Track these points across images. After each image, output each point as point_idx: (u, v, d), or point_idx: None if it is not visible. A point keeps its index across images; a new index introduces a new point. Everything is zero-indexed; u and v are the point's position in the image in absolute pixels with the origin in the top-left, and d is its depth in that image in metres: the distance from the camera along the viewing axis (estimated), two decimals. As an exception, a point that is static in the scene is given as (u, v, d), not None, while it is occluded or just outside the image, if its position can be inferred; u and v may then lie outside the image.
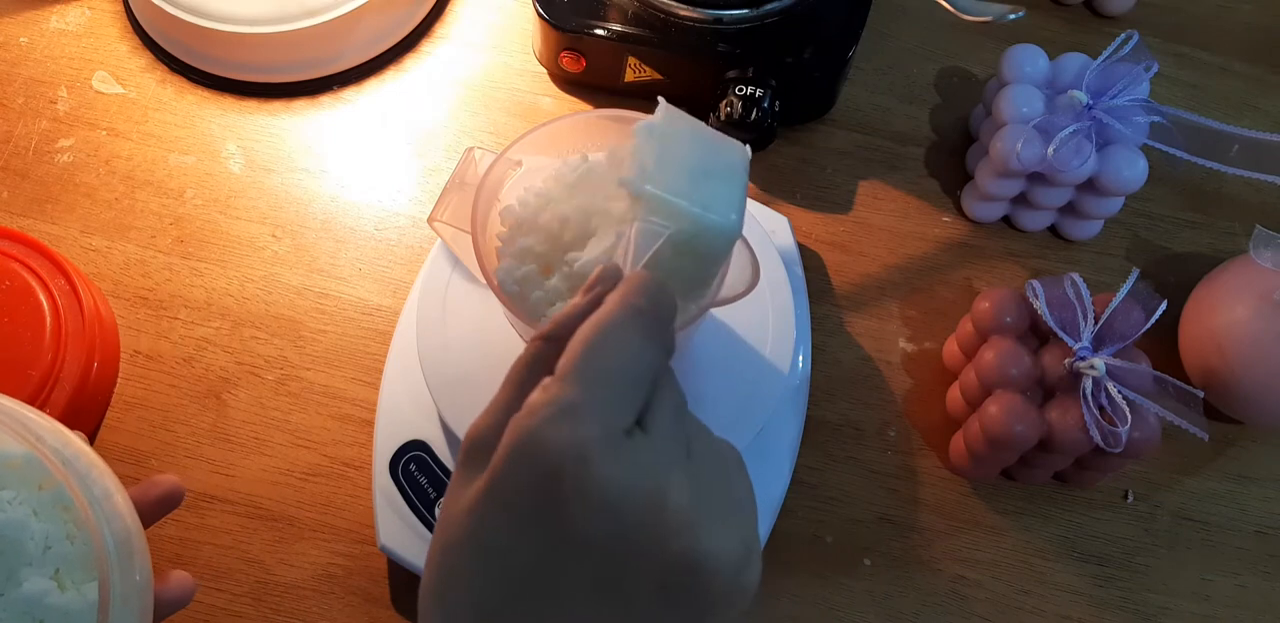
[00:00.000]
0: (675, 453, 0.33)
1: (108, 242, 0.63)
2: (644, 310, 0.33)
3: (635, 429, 0.32)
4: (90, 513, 0.38)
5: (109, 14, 0.70)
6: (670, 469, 0.32)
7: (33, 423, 0.40)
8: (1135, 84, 0.59)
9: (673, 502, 0.31)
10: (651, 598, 0.32)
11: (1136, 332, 0.54)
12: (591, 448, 0.31)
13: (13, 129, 0.66)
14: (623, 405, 0.32)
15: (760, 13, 0.61)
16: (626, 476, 0.31)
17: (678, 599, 0.32)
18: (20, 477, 0.40)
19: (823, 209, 0.65)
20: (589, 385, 0.32)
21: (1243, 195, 0.67)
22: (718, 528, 0.32)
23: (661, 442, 0.33)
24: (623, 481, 0.31)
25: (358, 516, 0.57)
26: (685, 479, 0.32)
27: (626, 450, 0.31)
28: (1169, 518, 0.59)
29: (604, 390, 0.32)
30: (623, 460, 0.31)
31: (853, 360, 0.62)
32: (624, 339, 0.33)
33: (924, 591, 0.57)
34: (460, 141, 0.67)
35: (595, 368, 0.32)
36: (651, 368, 0.33)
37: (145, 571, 0.40)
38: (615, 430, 0.32)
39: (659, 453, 0.32)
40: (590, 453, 0.31)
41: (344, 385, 0.60)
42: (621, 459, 0.31)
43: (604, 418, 0.32)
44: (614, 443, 0.31)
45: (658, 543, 0.31)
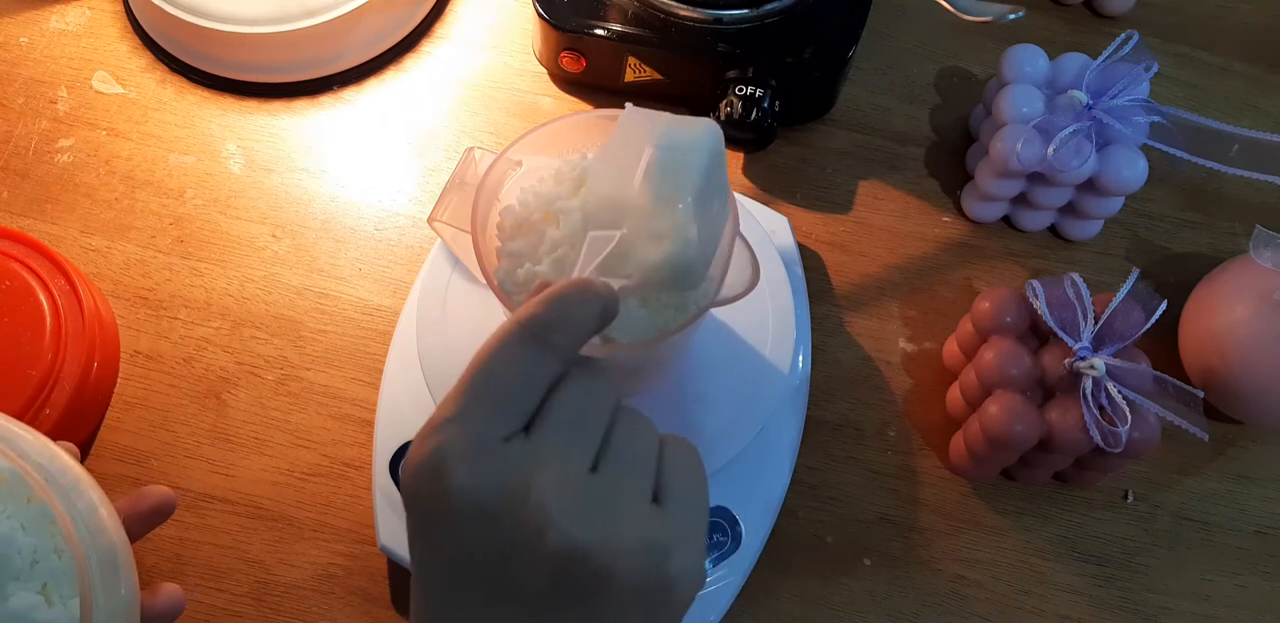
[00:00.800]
0: (556, 453, 0.34)
1: (108, 242, 0.63)
2: (534, 321, 0.34)
3: (519, 435, 0.34)
4: (73, 529, 0.38)
5: (109, 14, 0.70)
6: (541, 469, 0.33)
7: (18, 438, 0.40)
8: (1135, 84, 0.59)
9: (534, 499, 0.32)
10: (550, 594, 0.33)
11: (1136, 332, 0.54)
12: (445, 460, 0.33)
13: (13, 129, 0.66)
14: (498, 415, 0.34)
15: (760, 13, 0.61)
16: (482, 479, 0.33)
17: (576, 594, 0.33)
18: (9, 490, 0.39)
19: (823, 209, 0.65)
20: (463, 400, 0.34)
21: (1243, 195, 0.67)
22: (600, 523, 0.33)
23: (541, 444, 0.34)
24: (477, 484, 0.33)
25: (358, 516, 0.57)
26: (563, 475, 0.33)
27: (491, 456, 0.33)
28: (1169, 518, 0.59)
29: (476, 403, 0.34)
30: (481, 465, 0.33)
31: (853, 360, 0.62)
32: (505, 353, 0.34)
33: (924, 591, 0.57)
34: (460, 141, 0.67)
35: (473, 383, 0.34)
36: (537, 376, 0.34)
37: (131, 585, 0.40)
38: (484, 439, 0.33)
39: (533, 455, 0.33)
40: (443, 465, 0.33)
41: (344, 385, 0.60)
42: (480, 464, 0.33)
43: (470, 429, 0.33)
44: (477, 451, 0.33)
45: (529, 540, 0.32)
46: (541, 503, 0.32)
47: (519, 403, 0.34)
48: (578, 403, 0.35)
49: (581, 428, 0.35)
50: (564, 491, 0.33)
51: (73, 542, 0.38)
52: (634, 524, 0.33)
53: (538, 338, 0.34)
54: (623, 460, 0.35)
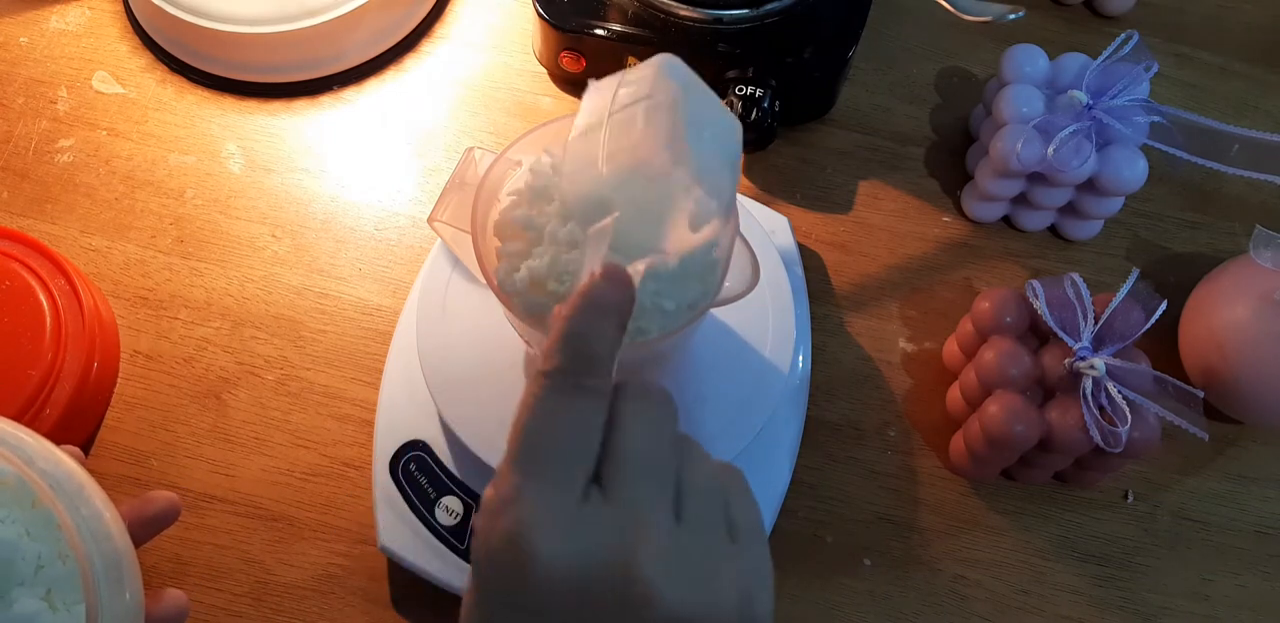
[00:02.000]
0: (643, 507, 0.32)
1: (108, 242, 0.63)
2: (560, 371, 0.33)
3: (593, 491, 0.32)
4: (78, 537, 0.38)
5: (109, 14, 0.70)
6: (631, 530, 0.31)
7: (24, 444, 0.40)
8: (1135, 84, 0.59)
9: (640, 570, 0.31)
10: None
11: (1136, 332, 0.54)
12: (529, 533, 0.31)
13: (13, 129, 0.66)
14: (563, 477, 0.32)
15: (760, 13, 0.61)
16: (572, 552, 0.31)
17: None
18: (14, 496, 0.39)
19: (823, 209, 0.65)
20: (522, 469, 0.32)
21: (1243, 195, 0.67)
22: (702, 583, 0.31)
23: (623, 501, 0.32)
24: (568, 558, 0.31)
25: (358, 516, 0.57)
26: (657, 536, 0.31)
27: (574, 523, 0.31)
28: (1169, 518, 0.59)
29: (538, 468, 0.32)
30: (567, 536, 0.31)
31: (853, 360, 0.62)
32: (547, 410, 0.32)
33: (924, 591, 0.57)
34: (460, 141, 0.67)
35: (525, 448, 0.32)
36: (589, 424, 0.33)
37: (136, 591, 0.40)
38: (562, 505, 0.31)
39: (618, 515, 0.32)
40: (527, 538, 0.31)
41: (344, 385, 0.60)
42: (565, 535, 0.31)
43: (544, 497, 0.31)
44: (556, 520, 0.31)
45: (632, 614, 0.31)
46: (643, 573, 0.30)
47: (581, 458, 0.32)
48: (646, 444, 0.33)
49: (656, 474, 0.33)
50: (661, 554, 0.31)
51: (77, 548, 0.38)
52: (728, 575, 0.32)
53: (572, 386, 0.33)
54: (701, 504, 0.33)
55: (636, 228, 0.37)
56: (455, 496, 0.54)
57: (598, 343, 0.33)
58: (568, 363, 0.33)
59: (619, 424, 0.33)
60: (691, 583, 0.31)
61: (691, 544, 0.32)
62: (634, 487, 0.32)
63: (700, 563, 0.32)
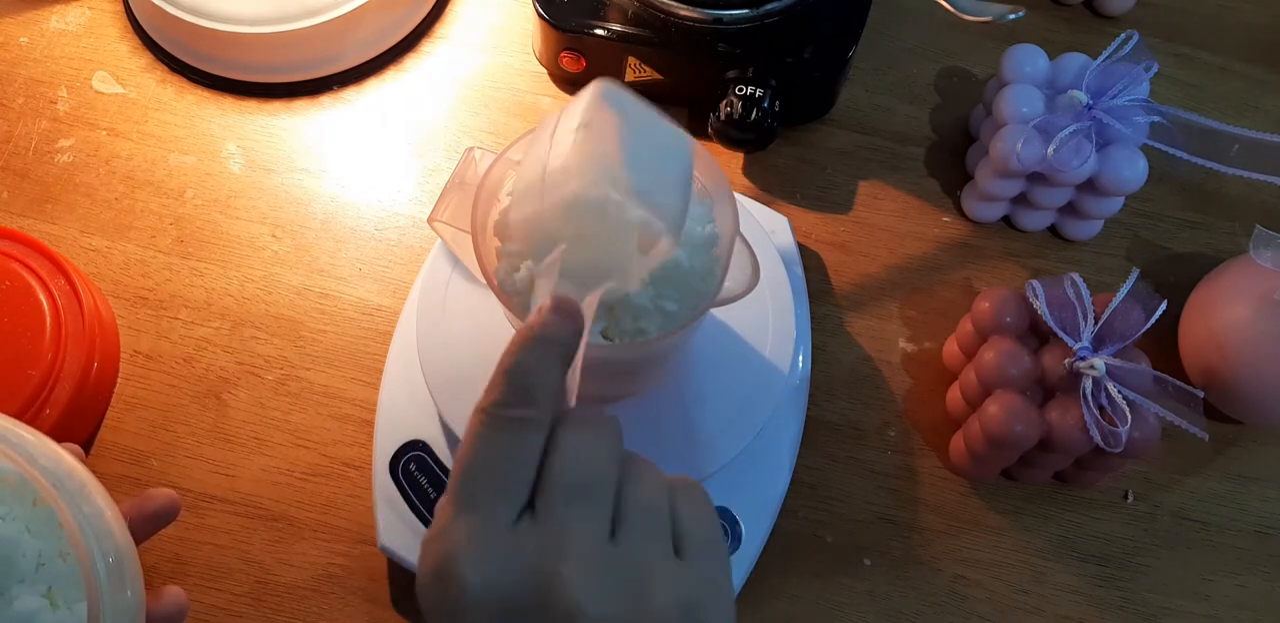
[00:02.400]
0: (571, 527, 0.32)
1: (108, 242, 0.63)
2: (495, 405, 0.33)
3: (525, 518, 0.33)
4: (79, 535, 0.38)
5: (109, 14, 0.70)
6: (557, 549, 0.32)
7: (26, 442, 0.40)
8: (1135, 84, 0.59)
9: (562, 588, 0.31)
10: None
11: (1136, 332, 0.54)
12: (453, 562, 0.31)
13: (13, 129, 0.66)
14: (495, 503, 0.32)
15: (760, 13, 0.61)
16: (494, 577, 0.31)
17: None
18: (14, 493, 0.39)
19: (823, 209, 0.65)
20: (455, 502, 0.33)
21: (1243, 195, 0.67)
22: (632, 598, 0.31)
23: (551, 521, 0.32)
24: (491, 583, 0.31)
25: (358, 516, 0.57)
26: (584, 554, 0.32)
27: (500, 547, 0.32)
28: (1169, 518, 0.59)
29: (468, 497, 0.33)
30: (491, 562, 0.31)
31: (853, 360, 0.62)
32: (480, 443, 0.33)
33: (924, 591, 0.57)
34: (460, 141, 0.67)
35: (460, 481, 0.33)
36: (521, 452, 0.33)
37: (137, 589, 0.40)
38: (488, 531, 0.32)
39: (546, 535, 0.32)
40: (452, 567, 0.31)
41: (344, 385, 0.60)
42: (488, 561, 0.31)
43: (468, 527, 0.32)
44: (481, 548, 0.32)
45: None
46: (565, 591, 0.31)
47: (514, 486, 0.33)
48: (578, 466, 0.33)
49: (589, 493, 0.33)
50: (587, 571, 0.31)
51: (79, 545, 0.38)
52: (665, 589, 0.32)
53: (505, 419, 0.33)
54: (640, 520, 0.33)
55: (587, 256, 0.38)
56: (455, 496, 0.53)
57: (536, 376, 0.34)
58: (503, 397, 0.33)
59: (553, 450, 0.33)
60: (618, 599, 0.31)
61: (623, 560, 0.32)
62: (562, 509, 0.33)
63: (631, 578, 0.32)
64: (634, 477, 0.34)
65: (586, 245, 0.37)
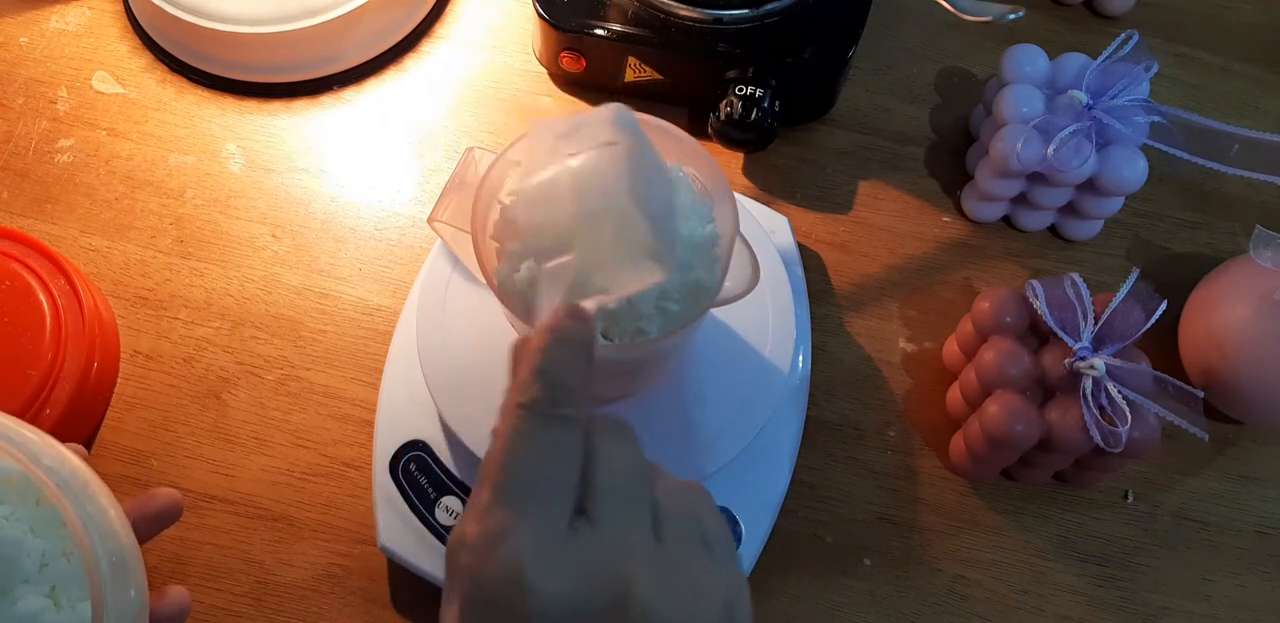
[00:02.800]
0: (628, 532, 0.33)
1: (108, 242, 0.63)
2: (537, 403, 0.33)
3: (579, 519, 0.32)
4: (84, 534, 0.38)
5: (109, 14, 0.70)
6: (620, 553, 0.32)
7: (29, 442, 0.40)
8: (1135, 84, 0.59)
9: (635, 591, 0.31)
10: None
11: (1136, 332, 0.54)
12: (524, 568, 0.31)
13: (13, 129, 0.66)
14: (549, 509, 0.32)
15: (760, 13, 0.61)
16: (567, 582, 0.31)
17: None
18: (18, 493, 0.39)
19: (823, 209, 0.65)
20: (509, 503, 0.32)
21: (1243, 195, 0.67)
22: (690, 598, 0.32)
23: (609, 526, 0.32)
24: (563, 588, 0.31)
25: (358, 516, 0.57)
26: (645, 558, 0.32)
27: (565, 554, 0.31)
28: (1169, 518, 0.59)
29: (524, 502, 0.32)
30: (560, 567, 0.31)
31: (853, 360, 0.62)
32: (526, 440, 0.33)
33: (924, 591, 0.57)
34: (460, 141, 0.67)
35: (509, 480, 0.32)
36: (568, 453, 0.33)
37: (140, 588, 0.40)
38: (548, 538, 0.32)
39: (607, 540, 0.32)
40: (522, 573, 0.31)
41: (344, 385, 0.60)
42: (558, 566, 0.31)
43: (531, 531, 0.32)
44: (547, 552, 0.31)
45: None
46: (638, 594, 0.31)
47: (565, 489, 0.33)
48: (622, 473, 0.34)
49: (635, 499, 0.33)
50: (651, 574, 0.32)
51: (83, 545, 0.38)
52: (711, 587, 0.33)
53: (549, 416, 0.33)
54: (678, 524, 0.34)
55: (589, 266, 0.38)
56: (455, 496, 0.54)
57: (570, 375, 0.34)
58: (545, 393, 0.33)
59: (594, 455, 0.34)
60: (682, 599, 0.32)
61: (676, 563, 0.33)
62: (616, 513, 0.33)
63: (686, 580, 0.32)
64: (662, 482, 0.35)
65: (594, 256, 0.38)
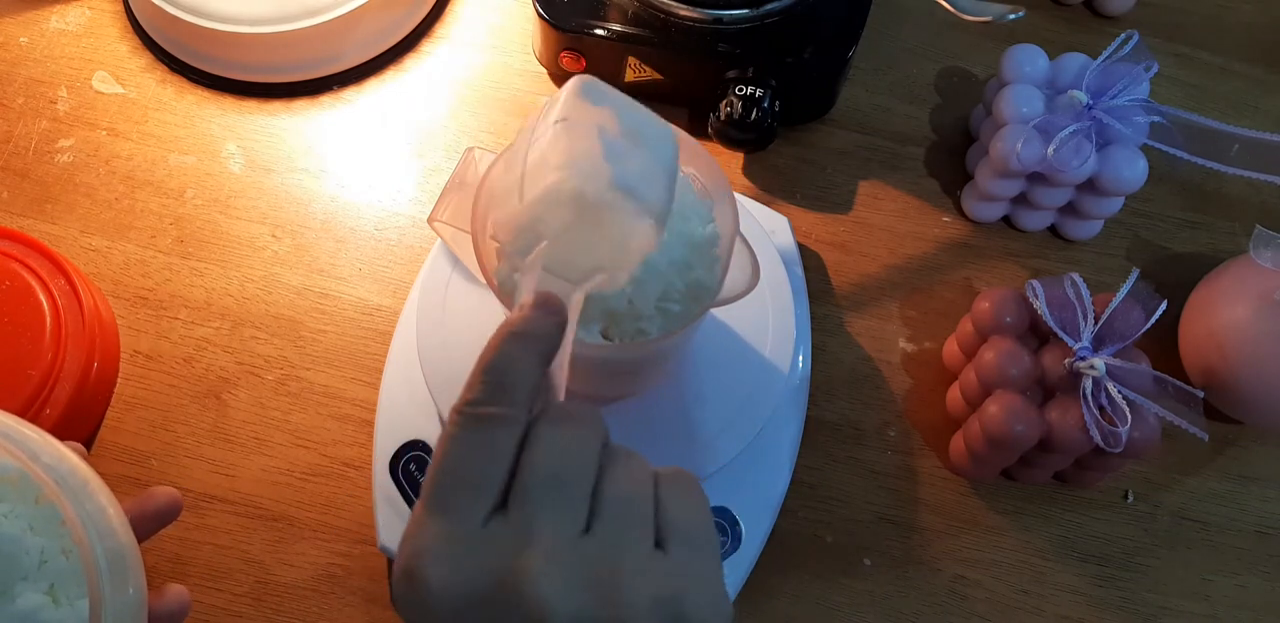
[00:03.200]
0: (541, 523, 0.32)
1: (108, 242, 0.63)
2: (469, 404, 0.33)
3: (497, 516, 0.32)
4: (82, 531, 0.38)
5: (109, 14, 0.70)
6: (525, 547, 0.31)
7: (28, 440, 0.40)
8: (1135, 84, 0.59)
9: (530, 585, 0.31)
10: None
11: (1136, 332, 0.54)
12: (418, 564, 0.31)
13: (13, 129, 0.66)
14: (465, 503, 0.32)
15: (760, 13, 0.61)
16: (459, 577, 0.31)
17: None
18: (17, 491, 0.39)
19: (823, 209, 0.65)
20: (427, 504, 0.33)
21: (1243, 195, 0.67)
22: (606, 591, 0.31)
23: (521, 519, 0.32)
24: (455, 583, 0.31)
25: (358, 516, 0.57)
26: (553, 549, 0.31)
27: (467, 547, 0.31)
28: (1169, 518, 0.59)
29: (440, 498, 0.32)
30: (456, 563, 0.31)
31: (853, 360, 0.62)
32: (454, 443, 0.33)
33: (924, 591, 0.57)
34: (460, 141, 0.67)
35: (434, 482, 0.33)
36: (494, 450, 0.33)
37: (139, 586, 0.40)
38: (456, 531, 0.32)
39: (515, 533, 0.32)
40: (417, 569, 0.31)
41: (344, 385, 0.60)
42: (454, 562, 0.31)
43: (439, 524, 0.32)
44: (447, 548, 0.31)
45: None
46: (533, 588, 0.30)
47: (486, 484, 0.32)
48: (552, 461, 0.33)
49: (562, 488, 0.32)
50: (555, 567, 0.31)
51: (81, 543, 0.38)
52: (639, 582, 0.31)
53: (476, 416, 0.33)
54: (616, 512, 0.33)
55: (571, 251, 0.37)
56: (455, 496, 0.54)
57: (513, 374, 0.34)
58: (478, 395, 0.33)
59: (529, 446, 0.33)
60: (588, 594, 0.31)
61: (595, 555, 0.32)
62: (533, 505, 0.32)
63: (601, 573, 0.31)
64: (615, 469, 0.34)
65: (569, 240, 0.37)
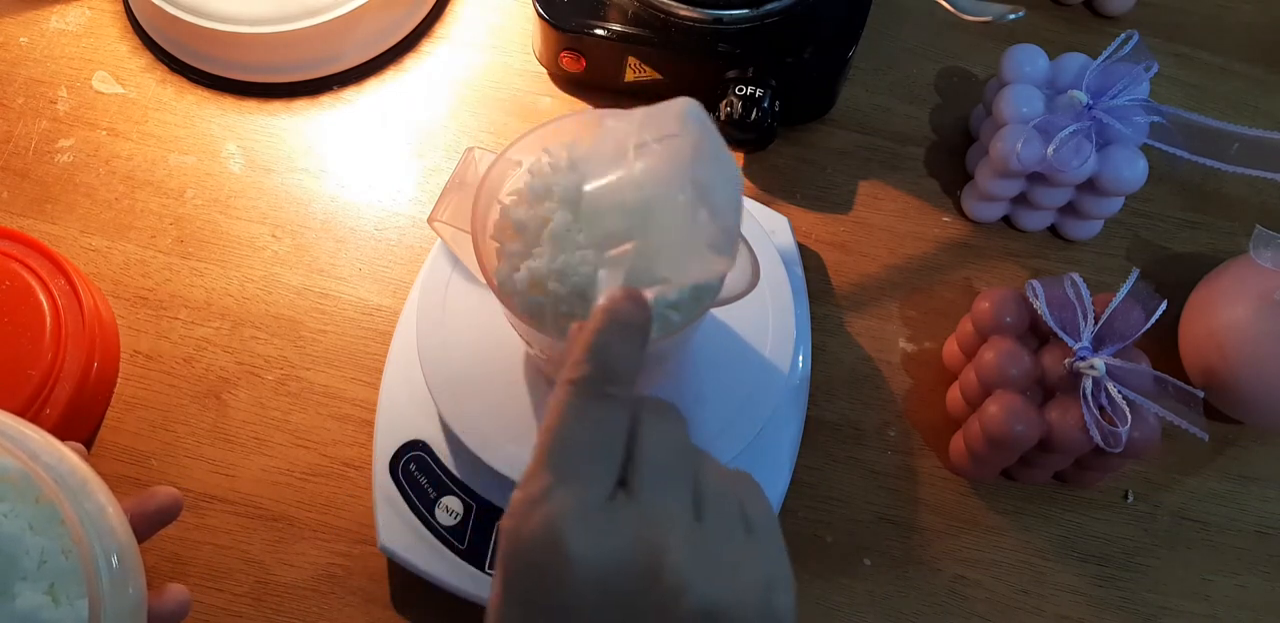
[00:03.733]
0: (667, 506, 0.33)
1: (108, 242, 0.63)
2: (588, 380, 0.34)
3: (619, 492, 0.33)
4: (81, 530, 0.38)
5: (109, 14, 0.70)
6: (659, 527, 0.32)
7: (28, 440, 0.40)
8: (1135, 84, 0.59)
9: (670, 562, 0.32)
10: None
11: (1136, 332, 0.54)
12: (560, 530, 0.32)
13: (13, 129, 0.66)
14: (592, 478, 0.33)
15: (760, 13, 0.61)
16: (603, 548, 0.32)
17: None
18: (17, 491, 0.40)
19: (823, 209, 0.65)
20: (553, 470, 0.33)
21: (1243, 195, 0.67)
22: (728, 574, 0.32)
23: (649, 501, 0.33)
24: (599, 554, 0.32)
25: (358, 516, 0.57)
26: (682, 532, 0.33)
27: (604, 521, 0.32)
28: (1169, 518, 0.59)
29: (568, 470, 0.33)
30: (598, 533, 0.32)
31: (853, 360, 0.62)
32: (576, 414, 0.34)
33: (924, 591, 0.57)
34: (460, 141, 0.67)
35: (557, 450, 0.33)
36: (615, 430, 0.34)
37: (139, 586, 0.40)
38: (588, 504, 0.32)
39: (645, 513, 0.33)
40: (559, 535, 0.31)
41: (344, 385, 0.60)
42: (596, 532, 0.32)
43: (573, 496, 0.32)
44: (586, 517, 0.32)
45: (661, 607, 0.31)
46: (673, 565, 0.31)
47: (609, 461, 0.33)
48: (666, 451, 0.34)
49: (676, 477, 0.34)
50: (690, 548, 0.32)
51: (81, 542, 0.38)
52: (750, 566, 0.33)
53: (598, 393, 0.34)
54: (718, 505, 0.34)
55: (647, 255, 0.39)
56: (455, 496, 0.54)
57: (622, 357, 0.35)
58: (595, 372, 0.34)
59: (640, 433, 0.34)
60: (717, 575, 0.32)
61: (714, 540, 0.33)
62: (657, 488, 0.33)
63: (723, 557, 0.33)
64: (706, 465, 0.35)
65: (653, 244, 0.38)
